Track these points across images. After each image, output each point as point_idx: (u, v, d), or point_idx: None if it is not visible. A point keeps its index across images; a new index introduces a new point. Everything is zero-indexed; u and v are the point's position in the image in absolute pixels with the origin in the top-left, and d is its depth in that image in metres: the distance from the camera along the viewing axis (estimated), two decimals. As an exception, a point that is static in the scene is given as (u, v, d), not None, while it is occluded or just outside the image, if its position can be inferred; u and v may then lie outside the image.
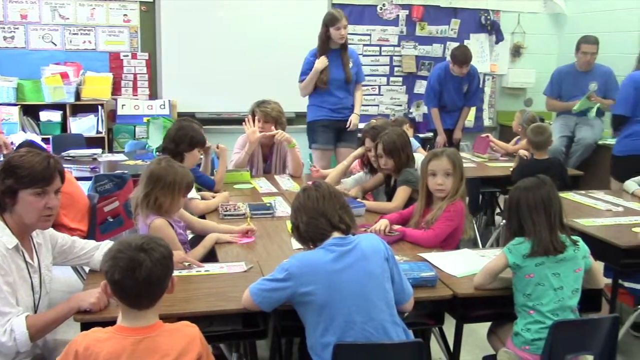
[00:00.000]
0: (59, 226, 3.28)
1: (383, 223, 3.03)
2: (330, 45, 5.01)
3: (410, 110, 7.29)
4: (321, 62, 4.96)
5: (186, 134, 3.66)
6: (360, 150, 4.02)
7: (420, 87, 7.06)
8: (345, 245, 2.15)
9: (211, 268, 2.54)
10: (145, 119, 5.76)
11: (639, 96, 4.58)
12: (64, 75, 5.93)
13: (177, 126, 3.74)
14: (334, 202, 2.24)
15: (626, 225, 3.33)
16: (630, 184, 4.14)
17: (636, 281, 3.24)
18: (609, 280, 2.97)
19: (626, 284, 3.25)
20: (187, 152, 3.63)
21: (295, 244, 2.73)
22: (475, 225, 4.40)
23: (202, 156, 3.90)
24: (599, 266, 2.58)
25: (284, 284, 2.09)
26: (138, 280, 1.72)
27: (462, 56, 5.88)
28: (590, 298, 2.52)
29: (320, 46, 5.01)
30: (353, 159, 4.07)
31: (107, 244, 2.49)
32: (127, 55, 6.44)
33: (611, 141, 5.31)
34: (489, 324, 2.69)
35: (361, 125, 5.04)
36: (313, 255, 2.16)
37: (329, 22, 4.90)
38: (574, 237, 2.43)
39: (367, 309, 2.08)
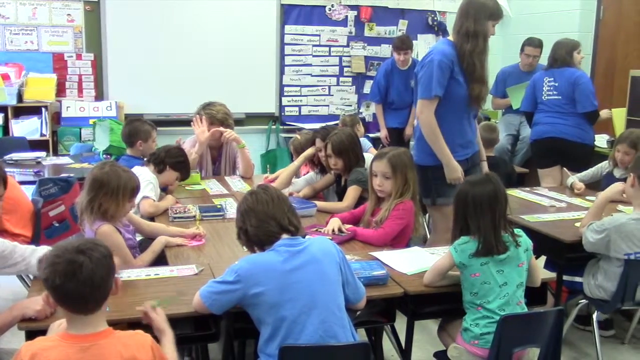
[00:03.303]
0: (1, 232, 3.18)
1: (335, 222, 3.05)
2: None
3: (360, 110, 7.33)
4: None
5: (182, 155, 3.80)
6: (310, 150, 4.02)
7: (370, 87, 7.11)
8: (296, 246, 2.15)
9: (161, 271, 2.50)
10: (91, 121, 5.64)
11: (534, 92, 4.96)
12: (5, 77, 5.73)
13: (177, 145, 3.87)
14: (282, 204, 2.23)
15: (569, 221, 3.45)
16: (571, 180, 4.27)
17: (571, 273, 3.34)
18: (553, 275, 3.04)
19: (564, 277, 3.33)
20: (171, 169, 3.70)
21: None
22: (425, 223, 4.46)
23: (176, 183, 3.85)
24: (538, 264, 2.64)
25: (233, 287, 2.08)
26: (80, 282, 1.66)
27: (399, 41, 6.07)
28: (535, 292, 2.58)
29: (482, 46, 3.44)
30: (303, 159, 4.08)
31: (43, 249, 2.44)
32: (72, 56, 6.26)
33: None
34: (439, 320, 2.73)
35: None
36: (263, 257, 2.15)
37: (491, 15, 3.45)
38: (516, 231, 2.48)
39: (317, 310, 2.07)
